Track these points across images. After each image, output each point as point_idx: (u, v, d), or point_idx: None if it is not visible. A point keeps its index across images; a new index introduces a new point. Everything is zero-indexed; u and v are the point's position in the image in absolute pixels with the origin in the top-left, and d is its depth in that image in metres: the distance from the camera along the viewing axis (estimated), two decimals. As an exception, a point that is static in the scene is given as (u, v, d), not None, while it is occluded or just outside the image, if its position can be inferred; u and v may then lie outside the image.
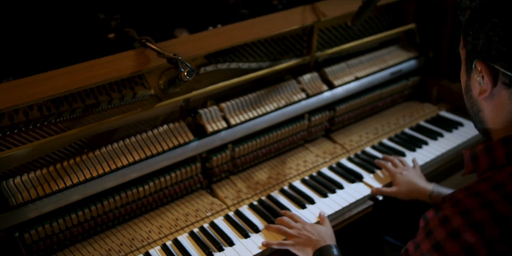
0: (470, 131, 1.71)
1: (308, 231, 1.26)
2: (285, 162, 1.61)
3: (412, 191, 1.40)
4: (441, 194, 1.35)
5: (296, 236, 1.25)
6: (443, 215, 0.77)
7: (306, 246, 1.23)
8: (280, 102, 1.55)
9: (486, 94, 0.81)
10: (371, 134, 1.75)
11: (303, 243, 1.24)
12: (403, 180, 1.43)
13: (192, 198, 1.48)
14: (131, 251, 1.29)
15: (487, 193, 0.74)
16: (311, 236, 1.24)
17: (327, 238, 1.23)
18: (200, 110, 1.43)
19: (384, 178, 1.51)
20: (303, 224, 1.29)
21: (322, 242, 1.21)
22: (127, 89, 1.31)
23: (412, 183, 1.41)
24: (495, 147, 0.81)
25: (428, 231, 0.79)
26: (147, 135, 1.34)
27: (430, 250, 0.77)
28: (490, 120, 0.84)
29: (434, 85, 1.90)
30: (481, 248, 0.71)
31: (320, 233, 1.25)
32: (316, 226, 1.28)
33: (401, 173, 1.46)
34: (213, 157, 1.46)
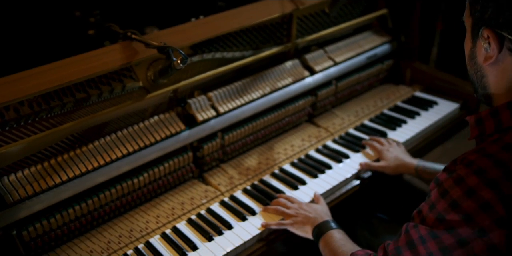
0: (444, 109, 1.81)
1: (305, 210, 1.30)
2: (272, 148, 1.66)
3: (399, 165, 1.48)
4: (426, 167, 1.44)
5: (293, 215, 1.30)
6: (457, 175, 0.81)
7: (305, 224, 1.27)
8: (266, 89, 1.59)
9: (491, 60, 0.85)
10: (352, 117, 1.81)
11: (301, 221, 1.28)
12: (390, 156, 1.51)
13: (186, 187, 1.50)
14: (131, 241, 1.31)
15: (498, 154, 0.79)
16: (308, 214, 1.29)
17: (324, 215, 1.28)
18: (189, 100, 1.45)
19: (370, 157, 1.58)
20: (299, 204, 1.33)
21: (319, 219, 1.26)
22: (116, 82, 1.32)
23: (399, 159, 1.50)
24: (500, 111, 0.86)
25: (443, 191, 0.83)
26: (138, 127, 1.36)
27: (447, 209, 0.81)
28: (493, 86, 0.89)
29: (407, 68, 1.99)
30: (497, 204, 0.76)
31: (317, 210, 1.30)
32: (312, 205, 1.33)
33: (388, 150, 1.54)
34: (204, 146, 1.49)
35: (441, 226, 0.82)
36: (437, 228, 0.83)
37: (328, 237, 1.20)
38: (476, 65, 0.90)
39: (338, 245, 1.16)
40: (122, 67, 1.31)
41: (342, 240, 1.18)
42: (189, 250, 1.25)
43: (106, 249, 1.28)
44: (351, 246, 1.15)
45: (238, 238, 1.28)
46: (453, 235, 0.80)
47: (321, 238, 1.21)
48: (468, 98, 1.82)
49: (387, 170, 1.51)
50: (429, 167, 1.44)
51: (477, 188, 0.78)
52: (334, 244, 1.17)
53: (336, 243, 1.16)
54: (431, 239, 0.83)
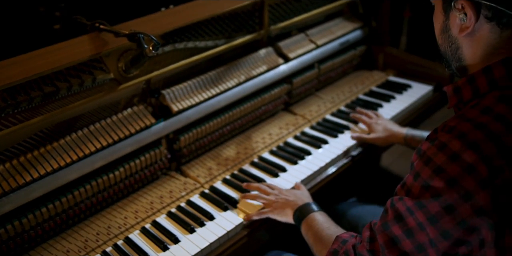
0: (418, 91, 1.83)
1: (284, 195, 1.29)
2: (250, 137, 1.64)
3: (388, 136, 1.52)
4: (414, 135, 1.47)
5: (273, 201, 1.28)
6: (439, 142, 0.81)
7: (284, 208, 1.25)
8: (240, 78, 1.56)
9: (468, 30, 0.85)
10: (328, 103, 1.81)
11: (280, 206, 1.26)
12: (380, 128, 1.55)
13: (164, 181, 1.46)
14: (110, 238, 1.26)
15: (478, 118, 0.79)
16: (288, 198, 1.27)
17: (304, 198, 1.27)
18: (163, 91, 1.41)
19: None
20: (279, 190, 1.32)
21: (299, 202, 1.24)
22: (86, 74, 1.27)
23: (388, 129, 1.54)
24: (476, 77, 0.86)
25: (426, 159, 0.83)
26: (111, 120, 1.31)
27: (432, 175, 0.80)
28: (469, 56, 0.89)
29: (380, 53, 2.00)
30: (481, 165, 0.76)
31: (296, 194, 1.28)
32: (291, 190, 1.32)
33: (377, 122, 1.57)
34: (181, 138, 1.46)
35: (427, 193, 0.81)
36: (423, 197, 0.82)
37: (311, 220, 1.18)
38: (450, 37, 0.90)
39: (322, 228, 1.14)
40: (91, 58, 1.26)
41: (326, 222, 1.16)
42: (171, 243, 1.22)
43: (83, 248, 1.23)
44: (335, 228, 1.13)
45: (220, 228, 1.25)
46: (439, 202, 0.80)
47: (303, 222, 1.19)
48: (441, 80, 1.85)
49: (378, 142, 1.54)
50: (417, 135, 1.47)
51: (460, 152, 0.78)
52: (318, 227, 1.14)
53: (320, 226, 1.14)
54: (418, 209, 0.83)
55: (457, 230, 0.80)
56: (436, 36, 0.96)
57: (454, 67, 0.95)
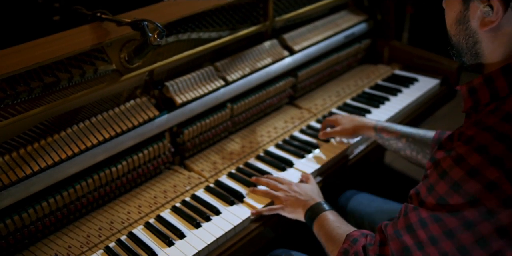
0: (425, 85, 1.79)
1: (295, 191, 1.25)
2: (255, 131, 1.60)
3: (356, 126, 1.41)
4: (385, 127, 1.38)
5: (284, 199, 1.24)
6: (456, 154, 0.74)
7: (296, 208, 1.22)
8: (245, 70, 1.53)
9: (493, 25, 0.76)
10: (334, 97, 1.78)
11: (291, 204, 1.23)
12: (346, 119, 1.45)
13: (167, 175, 1.43)
14: (112, 234, 1.22)
15: (498, 126, 0.72)
16: (299, 196, 1.23)
17: (315, 196, 1.23)
18: (167, 83, 1.37)
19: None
20: (289, 185, 1.28)
21: (311, 201, 1.21)
22: (87, 64, 1.23)
23: (355, 120, 1.43)
24: (494, 77, 0.79)
25: (441, 172, 0.76)
26: (114, 112, 1.27)
27: (449, 191, 0.74)
28: (488, 53, 0.81)
29: (385, 46, 1.97)
30: (504, 182, 0.69)
31: (307, 192, 1.25)
32: (302, 186, 1.28)
33: (343, 116, 1.48)
34: (185, 131, 1.42)
35: (444, 209, 0.76)
36: (439, 211, 0.77)
37: (322, 220, 1.14)
38: (468, 30, 0.82)
39: (333, 227, 1.10)
40: (93, 47, 1.22)
41: (337, 221, 1.13)
42: (176, 239, 1.18)
43: (85, 243, 1.19)
44: (346, 227, 1.10)
45: (227, 223, 1.22)
46: (457, 217, 0.74)
47: (315, 221, 1.16)
48: (448, 74, 1.82)
49: (345, 133, 1.43)
50: (388, 126, 1.38)
51: (481, 167, 0.71)
52: (329, 226, 1.11)
53: (331, 226, 1.11)
54: (433, 222, 0.77)
55: (476, 249, 0.74)
56: (447, 25, 0.88)
57: (467, 61, 0.87)
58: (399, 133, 1.35)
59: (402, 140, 1.34)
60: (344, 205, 1.46)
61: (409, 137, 1.33)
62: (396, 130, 1.36)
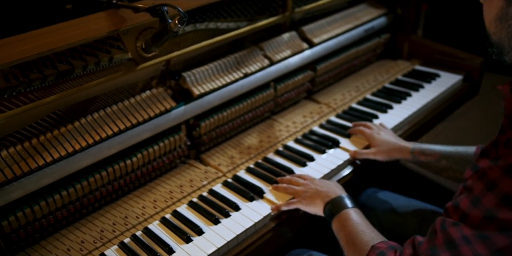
0: (448, 81, 1.74)
1: (316, 184, 1.19)
2: (273, 126, 1.55)
3: (392, 150, 1.33)
4: (422, 149, 1.30)
5: (303, 191, 1.18)
6: (505, 163, 0.68)
7: (315, 199, 1.15)
8: (264, 62, 1.47)
9: None
10: (353, 92, 1.72)
11: (310, 196, 1.16)
12: (382, 140, 1.36)
13: (183, 169, 1.37)
14: (127, 229, 1.17)
15: None
16: (320, 188, 1.16)
17: (338, 190, 1.17)
18: (184, 73, 1.32)
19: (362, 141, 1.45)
20: (311, 180, 1.22)
21: (332, 193, 1.13)
22: (103, 52, 1.18)
23: (392, 142, 1.35)
24: None
25: (489, 183, 0.70)
26: (129, 103, 1.22)
27: (498, 204, 0.68)
28: None
29: (405, 41, 1.92)
30: None
31: (329, 185, 1.18)
32: (324, 180, 1.22)
33: (379, 133, 1.39)
34: (201, 124, 1.37)
35: (491, 225, 0.69)
36: (486, 228, 0.70)
37: (344, 219, 1.05)
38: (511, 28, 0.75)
39: (356, 230, 1.01)
40: (109, 35, 1.17)
41: (361, 224, 1.03)
42: (194, 235, 1.13)
43: (99, 238, 1.14)
44: (371, 233, 1.00)
45: (247, 219, 1.16)
46: (507, 235, 0.68)
47: (335, 218, 1.08)
48: (471, 70, 1.76)
49: (379, 156, 1.34)
50: (426, 148, 1.29)
51: None
52: (351, 229, 1.02)
53: (354, 228, 1.02)
54: (478, 241, 0.71)
55: None
56: (486, 22, 0.82)
57: (510, 59, 0.80)
58: (437, 154, 1.27)
59: (442, 162, 1.27)
60: (366, 203, 1.40)
61: (450, 158, 1.26)
62: (434, 152, 1.28)
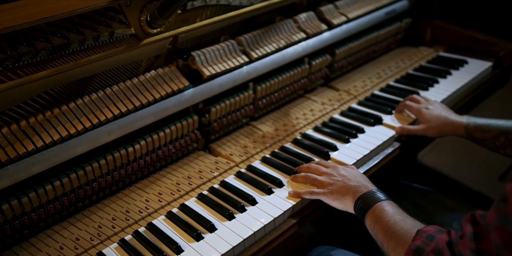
0: (477, 67, 1.60)
1: (343, 176, 1.05)
2: (289, 114, 1.41)
3: (443, 125, 1.21)
4: (478, 124, 1.18)
5: (328, 183, 1.05)
6: None
7: (344, 195, 1.01)
8: (280, 43, 1.34)
9: None
10: (374, 79, 1.59)
11: (338, 190, 1.02)
12: (432, 115, 1.24)
13: (191, 160, 1.24)
14: (129, 225, 1.03)
15: None
16: (348, 181, 1.02)
17: (367, 183, 1.03)
18: (193, 53, 1.19)
19: (407, 118, 1.35)
20: (334, 168, 1.08)
21: (363, 188, 0.99)
22: (102, 25, 1.04)
23: (442, 117, 1.23)
24: None
25: None
26: (132, 83, 1.08)
27: None
28: None
29: (427, 27, 1.78)
30: None
31: (358, 177, 1.04)
32: (351, 170, 1.08)
33: (428, 108, 1.27)
34: (212, 109, 1.23)
35: None
36: None
37: (378, 211, 0.93)
38: None
39: (395, 220, 0.89)
40: (109, 5, 1.03)
41: (398, 214, 0.91)
42: (206, 232, 0.99)
43: (96, 235, 1.00)
44: (411, 221, 0.89)
45: (266, 214, 1.02)
46: None
47: (368, 213, 0.95)
48: (502, 56, 1.62)
49: (429, 133, 1.24)
50: (482, 123, 1.18)
51: None
52: (389, 219, 0.90)
53: (391, 219, 0.90)
54: None
55: None
56: None
57: None
58: (495, 130, 1.15)
59: (500, 139, 1.15)
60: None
61: (508, 134, 1.14)
62: (492, 128, 1.16)
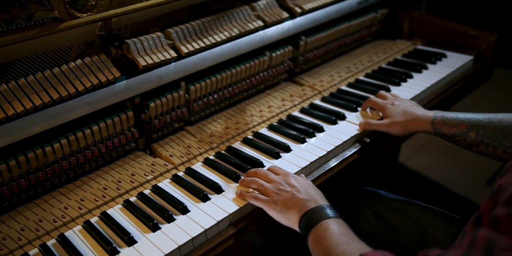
0: (456, 61, 1.46)
1: (292, 186, 0.90)
2: (243, 110, 1.27)
3: (409, 121, 1.08)
4: (446, 118, 1.04)
5: (275, 192, 0.90)
6: None
7: (289, 208, 0.86)
8: (233, 31, 1.20)
9: None
10: (343, 73, 1.45)
11: (284, 202, 0.88)
12: (397, 110, 1.11)
13: (127, 161, 1.09)
14: (38, 236, 0.88)
15: None
16: (297, 193, 0.88)
17: (319, 197, 0.88)
18: (128, 40, 1.05)
19: (373, 116, 1.21)
20: (284, 176, 0.94)
21: (312, 203, 0.85)
22: (15, 7, 0.90)
23: (408, 112, 1.09)
24: None
25: None
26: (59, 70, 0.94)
27: None
28: None
29: (405, 18, 1.64)
30: None
31: (309, 189, 0.90)
32: (302, 180, 0.93)
33: (393, 104, 1.13)
34: (150, 104, 1.09)
35: None
36: None
37: (322, 230, 0.79)
38: None
39: (338, 242, 0.75)
40: (22, -19, 0.89)
41: (344, 234, 0.77)
42: (124, 245, 0.85)
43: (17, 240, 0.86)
44: (357, 244, 0.74)
45: (196, 225, 0.88)
46: None
47: (312, 231, 0.80)
48: (483, 50, 1.48)
49: (392, 129, 1.10)
50: (450, 117, 1.04)
51: None
52: (331, 240, 0.76)
53: (335, 240, 0.75)
54: None
55: None
56: None
57: None
58: (464, 125, 1.01)
59: (470, 135, 1.00)
60: None
61: (480, 129, 0.99)
62: (460, 122, 1.02)
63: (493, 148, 0.97)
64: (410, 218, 1.05)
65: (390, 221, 1.06)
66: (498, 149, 0.96)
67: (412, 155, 2.36)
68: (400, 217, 1.05)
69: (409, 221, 1.05)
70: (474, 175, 2.24)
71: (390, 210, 1.07)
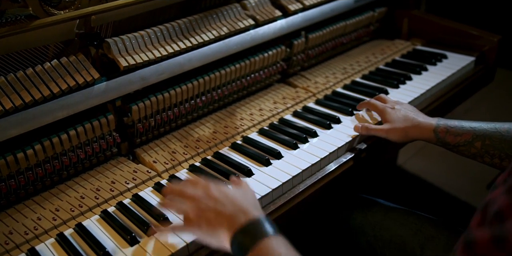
0: (457, 63, 1.40)
1: (215, 199, 0.74)
2: (233, 114, 1.21)
3: (409, 128, 1.01)
4: (450, 127, 0.97)
5: (195, 214, 0.73)
6: None
7: (216, 227, 0.71)
8: (221, 30, 1.13)
9: None
10: (339, 74, 1.38)
11: (208, 222, 0.72)
12: (397, 115, 1.04)
13: (107, 168, 1.03)
14: (7, 250, 0.82)
15: None
16: (221, 208, 0.72)
17: (250, 207, 0.72)
18: (108, 39, 0.98)
19: (369, 121, 1.15)
20: (204, 188, 0.77)
21: (242, 217, 0.70)
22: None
23: (410, 118, 1.02)
24: None
25: None
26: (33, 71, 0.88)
27: None
28: None
29: (404, 17, 1.58)
30: None
31: (237, 198, 0.74)
32: (227, 190, 0.76)
33: (394, 108, 1.07)
34: (133, 107, 1.03)
35: None
36: None
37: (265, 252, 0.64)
38: None
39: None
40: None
41: None
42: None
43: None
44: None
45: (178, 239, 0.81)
46: None
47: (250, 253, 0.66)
48: (486, 51, 1.42)
49: (392, 135, 1.03)
50: (454, 126, 0.97)
51: None
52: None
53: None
54: None
55: None
56: None
57: None
58: (469, 134, 0.94)
59: (475, 145, 0.94)
60: None
61: (486, 138, 0.93)
62: (465, 131, 0.95)
63: (499, 159, 0.91)
64: (409, 230, 0.98)
65: (387, 233, 0.99)
66: (505, 161, 0.90)
67: (411, 158, 2.30)
68: (398, 228, 0.99)
69: (407, 233, 0.98)
70: (474, 179, 2.18)
71: (387, 221, 1.01)
